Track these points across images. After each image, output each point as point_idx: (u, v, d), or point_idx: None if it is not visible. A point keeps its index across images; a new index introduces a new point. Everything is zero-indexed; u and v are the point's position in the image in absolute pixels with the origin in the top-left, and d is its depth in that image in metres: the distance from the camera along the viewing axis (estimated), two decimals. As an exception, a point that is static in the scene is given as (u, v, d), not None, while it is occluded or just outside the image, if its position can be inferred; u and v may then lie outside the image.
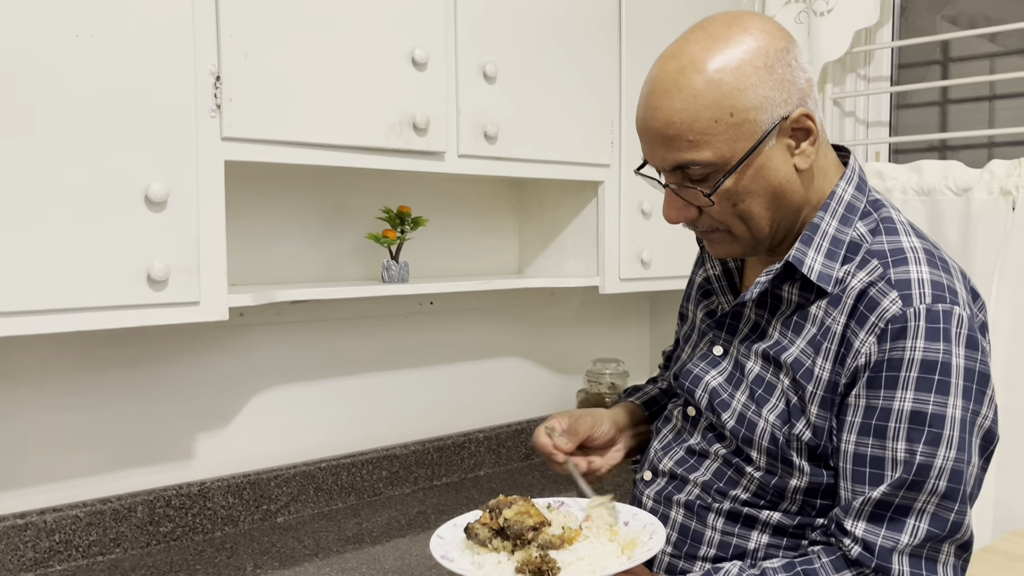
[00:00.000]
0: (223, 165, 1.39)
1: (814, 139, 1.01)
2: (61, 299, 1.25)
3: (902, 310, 0.96)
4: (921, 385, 0.94)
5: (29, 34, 1.20)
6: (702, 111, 0.96)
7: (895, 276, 0.98)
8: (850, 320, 0.99)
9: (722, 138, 0.97)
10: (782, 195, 1.03)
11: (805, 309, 1.04)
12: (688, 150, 0.98)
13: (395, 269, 1.78)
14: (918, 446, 0.94)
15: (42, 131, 1.22)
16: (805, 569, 0.98)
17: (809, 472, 1.02)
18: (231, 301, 1.43)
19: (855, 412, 0.98)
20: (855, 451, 0.98)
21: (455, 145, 1.68)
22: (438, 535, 1.07)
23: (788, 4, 2.22)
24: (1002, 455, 1.89)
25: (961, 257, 1.92)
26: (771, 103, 0.98)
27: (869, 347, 0.97)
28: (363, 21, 1.53)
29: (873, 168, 2.06)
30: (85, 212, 1.26)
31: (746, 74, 0.97)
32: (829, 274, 1.03)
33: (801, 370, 1.02)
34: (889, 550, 0.95)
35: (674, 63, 0.99)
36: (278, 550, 1.60)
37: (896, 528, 0.95)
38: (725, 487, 1.09)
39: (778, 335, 1.06)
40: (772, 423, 1.04)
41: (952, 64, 2.19)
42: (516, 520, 1.02)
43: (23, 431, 1.50)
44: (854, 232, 1.04)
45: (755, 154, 0.99)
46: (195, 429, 1.70)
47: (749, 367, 1.09)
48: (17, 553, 1.46)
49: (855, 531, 0.96)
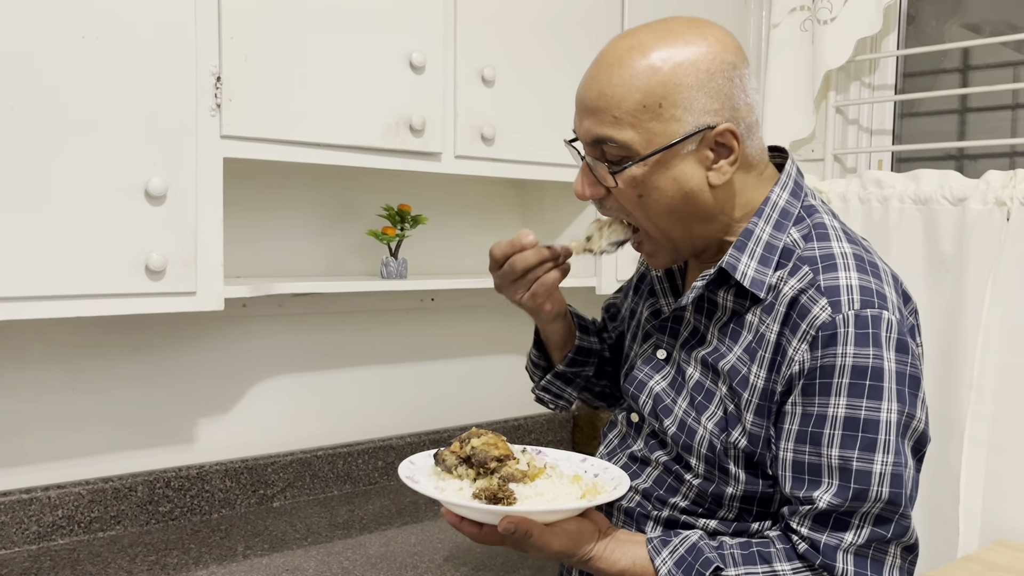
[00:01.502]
0: (222, 162, 1.45)
1: (734, 159, 1.01)
2: (64, 286, 1.32)
3: (831, 317, 0.96)
4: (853, 391, 0.96)
5: (38, 36, 1.27)
6: (634, 92, 0.98)
7: (824, 283, 0.99)
8: (783, 328, 1.00)
9: (645, 125, 0.99)
10: (691, 203, 1.03)
11: (741, 316, 1.05)
12: (610, 126, 1.00)
13: (394, 265, 1.84)
14: (853, 452, 0.96)
15: (49, 127, 1.28)
16: (760, 551, 1.00)
17: (744, 480, 1.04)
18: (227, 292, 1.49)
19: (792, 420, 0.99)
20: (793, 459, 0.99)
21: (452, 146, 1.73)
22: (410, 460, 1.10)
23: (793, 12, 2.24)
24: (992, 465, 1.90)
25: (955, 267, 1.93)
26: (701, 109, 0.99)
27: (802, 355, 0.98)
28: (362, 24, 1.58)
29: (872, 176, 2.07)
30: (88, 204, 1.32)
31: (686, 72, 0.98)
32: (762, 280, 1.03)
33: (737, 377, 1.03)
34: (834, 548, 0.97)
35: (624, 42, 1.01)
36: (270, 533, 1.67)
37: (840, 528, 0.97)
38: (665, 495, 1.11)
39: (716, 342, 1.07)
40: (710, 431, 1.05)
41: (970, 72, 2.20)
42: (482, 449, 1.04)
43: (30, 411, 1.58)
44: (788, 238, 1.05)
45: (670, 152, 1.00)
46: (196, 414, 1.77)
47: (690, 373, 1.10)
48: (22, 527, 1.54)
49: (801, 530, 0.99)
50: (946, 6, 2.20)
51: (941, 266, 1.96)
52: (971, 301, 1.89)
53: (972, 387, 1.89)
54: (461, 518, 1.00)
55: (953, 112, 2.21)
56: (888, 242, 2.04)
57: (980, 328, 1.88)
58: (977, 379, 1.89)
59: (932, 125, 2.25)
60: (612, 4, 1.97)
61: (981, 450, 1.89)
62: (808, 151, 2.34)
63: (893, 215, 2.03)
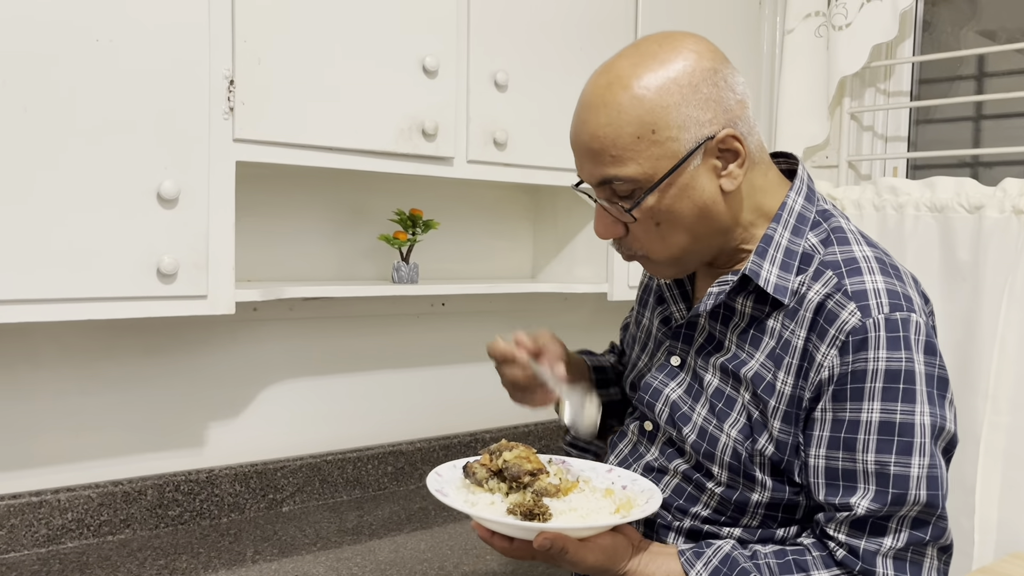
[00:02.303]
0: (234, 165, 1.45)
1: (742, 161, 1.01)
2: (75, 288, 1.32)
3: (861, 321, 0.96)
4: (887, 395, 0.95)
5: (52, 38, 1.27)
6: (625, 127, 0.98)
7: (851, 287, 0.99)
8: (810, 334, 0.99)
9: (644, 155, 0.98)
10: (707, 216, 1.02)
11: (761, 322, 1.04)
12: (612, 165, 0.99)
13: (405, 270, 1.83)
14: (890, 457, 0.95)
15: (61, 129, 1.28)
16: (796, 559, 0.99)
17: (771, 487, 1.03)
18: (238, 296, 1.49)
19: (822, 426, 0.99)
20: (826, 465, 0.99)
21: (464, 151, 1.73)
22: (437, 472, 1.07)
23: (808, 18, 2.23)
24: (1009, 476, 1.88)
25: (971, 275, 1.91)
26: (695, 123, 0.98)
27: (832, 360, 0.97)
28: (375, 29, 1.58)
29: (887, 183, 2.06)
30: (100, 207, 1.32)
31: (670, 92, 0.97)
32: (785, 286, 1.02)
33: (762, 384, 1.02)
34: (873, 553, 0.96)
35: (603, 79, 1.01)
36: (279, 538, 1.66)
37: (879, 533, 0.96)
38: (685, 504, 1.09)
39: (735, 348, 1.06)
40: (734, 438, 1.04)
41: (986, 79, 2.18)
42: (515, 463, 1.02)
43: (41, 413, 1.58)
44: (806, 243, 1.05)
45: (677, 173, 0.99)
46: (206, 418, 1.77)
47: (708, 380, 1.08)
48: (31, 529, 1.54)
49: (839, 536, 0.98)
50: (962, 12, 2.19)
51: (957, 275, 1.94)
52: (987, 310, 1.88)
53: (988, 397, 1.88)
54: (492, 532, 0.98)
55: (968, 119, 2.19)
56: (903, 250, 2.02)
57: (996, 338, 1.86)
58: (993, 389, 1.87)
59: (947, 132, 2.23)
60: (626, 9, 1.96)
61: (997, 461, 1.87)
62: (822, 157, 2.32)
63: (908, 223, 2.01)
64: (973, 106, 2.17)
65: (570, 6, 1.86)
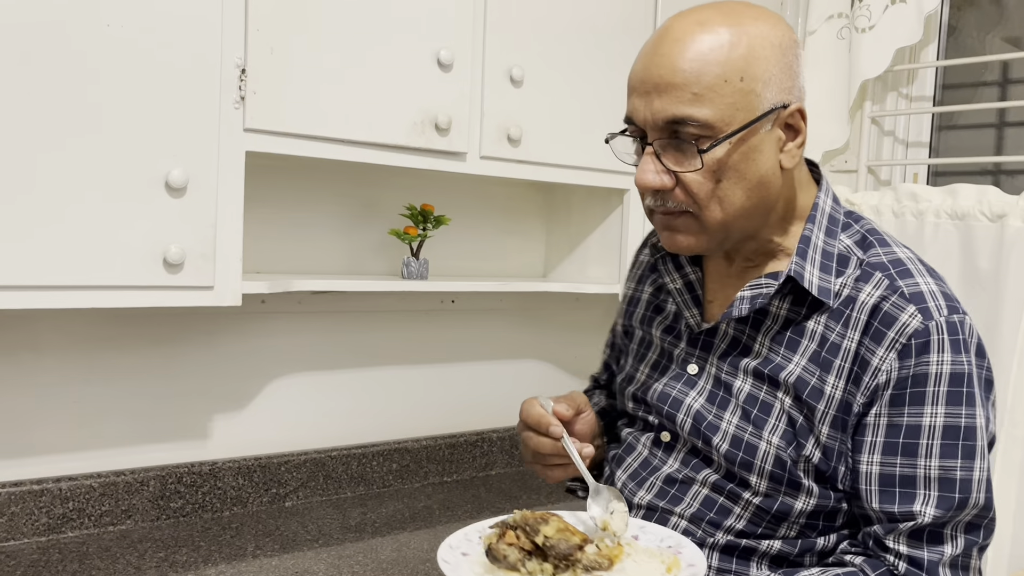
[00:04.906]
0: (244, 155, 1.43)
1: (802, 141, 0.98)
2: (81, 276, 1.30)
3: (924, 324, 0.94)
4: (952, 399, 0.93)
5: (61, 24, 1.25)
6: (713, 66, 0.92)
7: (907, 289, 0.96)
8: (864, 337, 0.96)
9: (726, 100, 0.92)
10: (763, 188, 0.98)
11: (799, 324, 1.01)
12: (690, 104, 0.92)
13: (415, 266, 1.81)
14: (956, 461, 0.93)
15: (70, 115, 1.27)
16: None
17: (817, 494, 0.99)
18: (245, 288, 1.47)
19: (876, 432, 0.96)
20: (881, 472, 0.95)
21: (477, 146, 1.70)
22: (448, 546, 0.95)
23: (830, 19, 2.19)
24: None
25: (992, 285, 1.87)
26: (777, 85, 0.95)
27: (890, 364, 0.94)
28: (389, 20, 1.56)
29: (907, 189, 2.02)
30: (107, 195, 1.31)
31: (762, 45, 0.94)
32: (828, 288, 0.99)
33: (807, 389, 0.98)
34: (936, 563, 0.94)
35: (691, 17, 0.96)
36: (281, 533, 1.64)
37: (939, 541, 0.94)
38: (717, 517, 1.03)
39: (768, 352, 1.02)
40: (776, 444, 0.99)
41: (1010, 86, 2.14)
42: (559, 538, 0.91)
43: (44, 401, 1.57)
44: (840, 244, 1.03)
45: (751, 130, 0.94)
46: (211, 410, 1.75)
47: (738, 386, 1.03)
48: (32, 518, 1.53)
49: (899, 548, 0.95)
50: (988, 18, 2.14)
51: (977, 284, 1.90)
52: (1007, 320, 1.84)
53: (1006, 409, 1.84)
54: None
55: (991, 126, 2.15)
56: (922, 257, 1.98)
57: (1016, 349, 1.83)
58: (1011, 401, 1.83)
59: (969, 139, 2.19)
60: (645, 7, 1.93)
61: (1014, 474, 1.83)
62: (841, 162, 2.29)
63: (928, 230, 1.98)
64: (996, 113, 2.13)
65: (589, 3, 1.84)
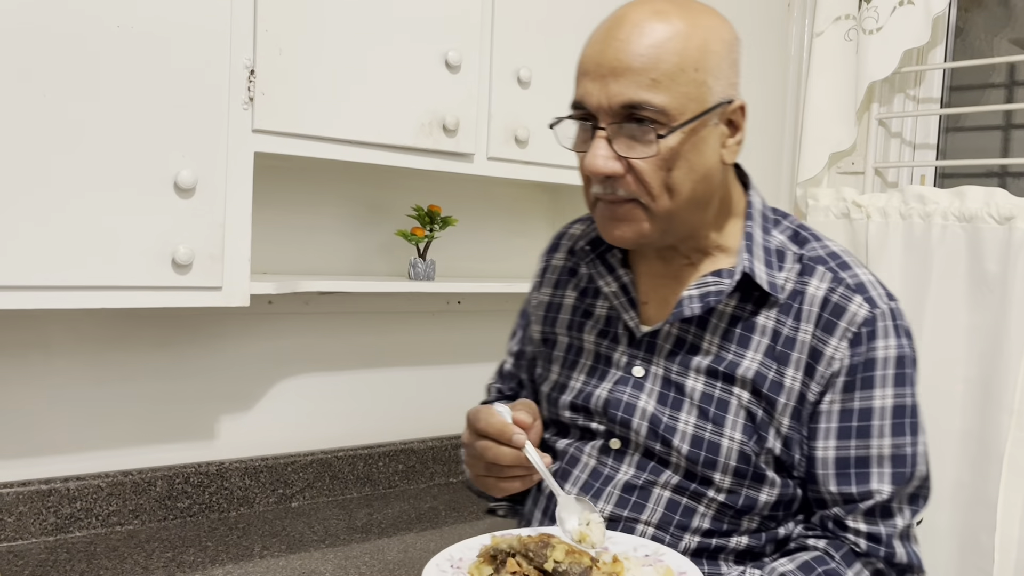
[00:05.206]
0: (252, 156, 1.43)
1: (741, 138, 1.00)
2: (90, 276, 1.30)
3: (871, 312, 0.99)
4: (898, 380, 0.99)
5: (71, 24, 1.25)
6: (671, 54, 0.93)
7: (850, 280, 1.01)
8: (816, 328, 0.99)
9: (681, 89, 0.93)
10: (707, 182, 0.99)
11: (748, 320, 1.02)
12: (647, 89, 0.92)
13: (421, 267, 1.81)
14: (905, 438, 0.99)
15: (79, 115, 1.27)
16: (826, 570, 0.98)
17: (780, 484, 1.01)
18: (253, 288, 1.47)
19: (830, 418, 1.00)
20: (836, 456, 1.00)
21: (485, 147, 1.70)
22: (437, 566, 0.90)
23: (838, 21, 2.19)
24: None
25: (999, 287, 1.87)
26: (725, 80, 0.97)
27: (843, 353, 0.99)
28: (398, 22, 1.56)
29: (914, 191, 2.02)
30: (117, 195, 1.31)
31: (714, 40, 0.96)
32: (775, 283, 1.02)
33: (766, 383, 1.00)
34: (891, 535, 0.99)
35: (647, 7, 0.96)
36: (288, 534, 1.64)
37: (891, 515, 0.99)
38: (683, 519, 1.02)
39: (719, 349, 1.02)
40: (739, 440, 1.00)
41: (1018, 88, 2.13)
42: (571, 561, 0.88)
43: (52, 401, 1.57)
44: (775, 240, 1.05)
45: (701, 122, 0.95)
46: (218, 410, 1.76)
47: (691, 386, 1.03)
48: (40, 517, 1.53)
49: (858, 526, 0.99)
50: (996, 20, 2.14)
51: (984, 286, 1.90)
52: (1015, 323, 1.84)
53: (1013, 412, 1.83)
54: None
55: (998, 128, 2.15)
56: (930, 260, 1.98)
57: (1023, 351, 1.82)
58: (1019, 404, 1.83)
59: (976, 141, 2.19)
60: (652, 8, 1.93)
61: (1020, 477, 1.83)
62: (848, 163, 2.28)
63: (936, 232, 1.97)
64: (1003, 115, 2.12)
65: (596, 4, 1.83)
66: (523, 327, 1.29)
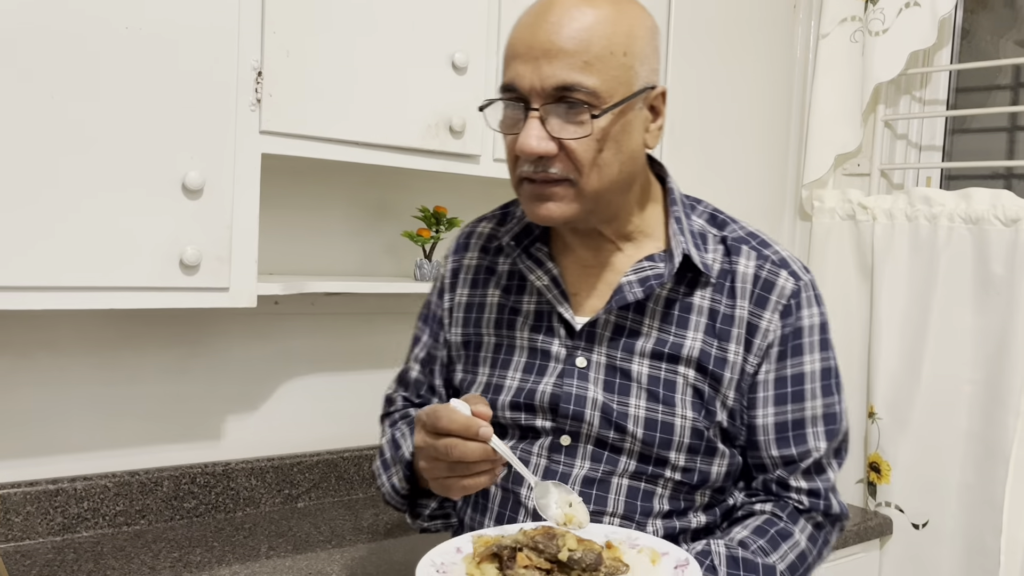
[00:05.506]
0: (260, 157, 1.44)
1: (662, 124, 1.04)
2: (98, 277, 1.31)
3: (796, 285, 1.06)
4: (823, 345, 1.07)
5: (79, 26, 1.26)
6: (601, 38, 0.95)
7: (773, 256, 1.07)
8: (750, 304, 1.05)
9: (611, 72, 0.96)
10: (632, 164, 1.02)
11: (684, 301, 1.06)
12: (580, 71, 0.94)
13: (427, 268, 1.81)
14: (833, 397, 1.07)
15: (88, 117, 1.28)
16: (778, 531, 1.04)
17: (728, 455, 1.06)
18: (260, 289, 1.48)
19: (766, 387, 1.06)
20: (775, 421, 1.05)
21: (491, 149, 1.71)
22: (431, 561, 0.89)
23: (844, 22, 2.19)
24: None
25: (1006, 289, 1.87)
26: (649, 66, 1.00)
27: (775, 325, 1.05)
28: (405, 24, 1.56)
29: (920, 193, 2.02)
30: (125, 197, 1.31)
31: (640, 26, 1.00)
32: (708, 263, 1.06)
33: (711, 360, 1.04)
34: (828, 489, 1.07)
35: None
36: (294, 534, 1.65)
37: (823, 470, 1.07)
38: (645, 504, 1.04)
39: (659, 332, 1.05)
40: (691, 417, 1.03)
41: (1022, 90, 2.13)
42: (584, 549, 0.87)
43: (60, 401, 1.58)
44: (696, 223, 1.10)
45: (628, 105, 0.98)
46: (225, 411, 1.76)
47: (636, 370, 1.04)
48: (47, 517, 1.54)
49: (799, 484, 1.06)
50: (1003, 21, 2.14)
51: (991, 288, 1.90)
52: (1021, 325, 1.84)
53: (1019, 414, 1.83)
54: None
55: (1004, 130, 2.15)
56: (936, 261, 1.98)
57: (1030, 354, 1.82)
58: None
59: (982, 143, 2.19)
60: (658, 12, 1.93)
61: (1027, 479, 1.83)
62: (854, 165, 2.28)
63: (942, 234, 1.97)
64: (1009, 117, 2.12)
65: (602, 5, 1.84)
66: (429, 332, 1.25)
